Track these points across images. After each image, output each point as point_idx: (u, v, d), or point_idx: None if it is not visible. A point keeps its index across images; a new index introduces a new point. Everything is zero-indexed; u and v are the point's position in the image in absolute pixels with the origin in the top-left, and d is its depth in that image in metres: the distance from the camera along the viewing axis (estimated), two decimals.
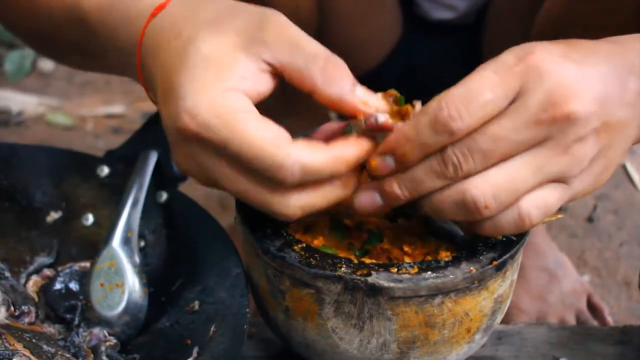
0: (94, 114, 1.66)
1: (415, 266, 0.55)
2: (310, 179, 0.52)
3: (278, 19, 0.54)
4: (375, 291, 0.55)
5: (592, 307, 1.10)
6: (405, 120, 0.53)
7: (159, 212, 0.72)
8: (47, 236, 0.73)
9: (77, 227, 0.73)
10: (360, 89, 0.54)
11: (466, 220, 0.54)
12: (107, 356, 0.63)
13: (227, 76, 0.52)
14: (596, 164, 0.54)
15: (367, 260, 0.57)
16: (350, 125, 0.54)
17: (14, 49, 1.80)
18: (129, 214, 0.69)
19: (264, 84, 0.53)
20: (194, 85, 0.52)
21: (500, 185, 0.51)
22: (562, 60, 0.51)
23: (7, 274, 0.68)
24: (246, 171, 0.52)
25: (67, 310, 0.67)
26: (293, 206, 0.53)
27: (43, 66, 1.81)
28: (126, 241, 0.68)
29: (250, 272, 0.63)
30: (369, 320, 0.56)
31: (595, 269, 1.25)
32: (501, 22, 0.92)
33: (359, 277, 0.55)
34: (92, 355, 0.63)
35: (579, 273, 1.17)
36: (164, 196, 0.72)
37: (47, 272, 0.71)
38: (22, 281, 0.70)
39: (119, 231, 0.68)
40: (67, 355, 0.60)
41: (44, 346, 0.60)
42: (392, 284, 0.54)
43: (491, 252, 0.57)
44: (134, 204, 0.69)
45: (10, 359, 0.56)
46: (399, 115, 0.54)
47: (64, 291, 0.68)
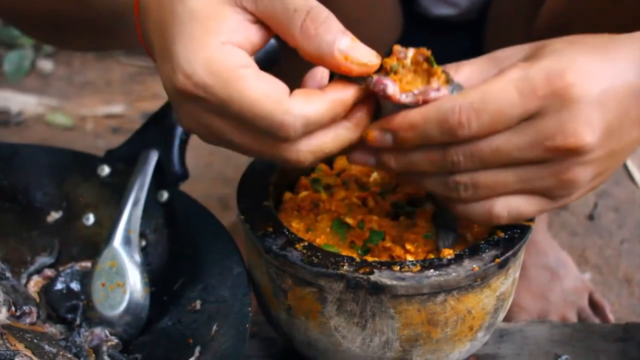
0: (93, 114, 1.66)
1: (418, 264, 0.55)
2: (313, 129, 0.51)
3: None
4: (377, 289, 0.54)
5: (594, 304, 1.10)
6: (429, 82, 0.52)
7: (160, 211, 0.71)
8: (48, 236, 0.73)
9: (78, 227, 0.73)
10: (346, 41, 0.51)
11: (443, 196, 0.56)
12: (108, 356, 0.63)
13: (218, 29, 0.50)
14: (590, 183, 0.54)
15: (370, 259, 0.57)
16: (360, 82, 0.52)
17: (14, 49, 1.80)
18: (130, 213, 0.69)
19: (256, 34, 0.52)
20: (186, 43, 0.50)
21: (482, 181, 0.53)
22: (590, 86, 0.50)
23: (8, 274, 0.68)
24: (249, 128, 0.51)
25: (69, 310, 0.67)
26: (303, 151, 0.52)
27: (42, 66, 1.81)
28: (127, 241, 0.68)
29: (252, 271, 0.63)
30: (371, 319, 0.56)
31: (596, 266, 1.25)
32: (503, 19, 0.92)
33: (361, 276, 0.54)
34: (93, 355, 0.63)
35: (580, 271, 1.16)
36: (164, 195, 0.72)
37: (48, 272, 0.71)
38: (23, 281, 0.70)
39: (120, 231, 0.68)
40: (69, 356, 0.60)
41: (46, 346, 0.59)
42: (394, 282, 0.54)
43: (493, 249, 0.57)
44: (135, 203, 0.69)
45: (12, 359, 0.56)
46: (428, 75, 0.53)
47: (65, 291, 0.68)
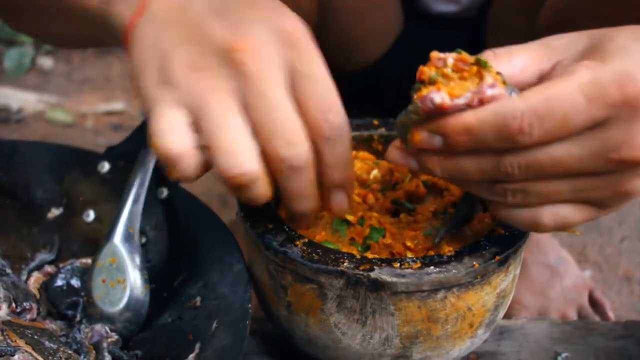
0: (93, 111, 1.66)
1: (418, 261, 0.55)
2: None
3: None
4: (377, 286, 0.54)
5: (594, 302, 1.10)
6: (481, 81, 0.48)
7: (160, 208, 0.71)
8: (48, 233, 0.73)
9: (78, 224, 0.73)
10: None
11: (487, 198, 0.53)
12: (109, 352, 0.63)
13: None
14: None
15: (370, 255, 0.57)
16: (406, 111, 0.50)
17: (14, 46, 1.80)
18: (130, 210, 0.69)
19: None
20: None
21: (534, 190, 0.50)
22: None
23: (9, 270, 0.68)
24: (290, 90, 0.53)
25: (69, 306, 0.67)
26: (301, 143, 0.52)
27: (42, 63, 1.81)
28: (127, 237, 0.68)
29: (252, 267, 0.63)
30: (371, 316, 0.56)
31: (596, 264, 1.25)
32: (504, 15, 0.92)
33: (361, 272, 0.54)
34: (94, 352, 0.63)
35: (580, 268, 1.17)
36: (165, 192, 0.72)
37: (49, 268, 0.71)
38: (24, 278, 0.70)
39: (121, 227, 0.68)
40: (69, 352, 0.60)
41: (46, 342, 0.59)
42: (394, 279, 0.54)
43: (494, 247, 0.57)
44: (135, 200, 0.69)
45: (12, 355, 0.56)
46: (479, 78, 0.48)
47: (65, 287, 0.68)
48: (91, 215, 0.73)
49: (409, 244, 0.60)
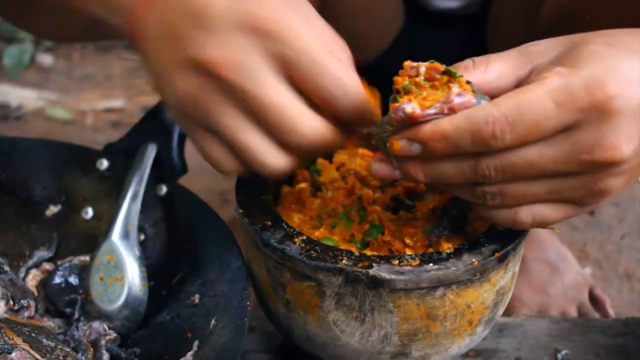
0: (93, 108, 1.65)
1: (417, 258, 0.55)
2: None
3: None
4: (376, 283, 0.54)
5: (594, 299, 1.10)
6: (450, 90, 0.50)
7: (158, 205, 0.71)
8: (46, 230, 0.73)
9: (77, 221, 0.73)
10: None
11: (469, 200, 0.54)
12: (107, 350, 0.63)
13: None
14: (620, 189, 0.52)
15: (369, 253, 0.57)
16: (382, 123, 0.52)
17: (13, 43, 1.80)
18: (129, 207, 0.68)
19: None
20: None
21: (511, 191, 0.52)
22: (631, 97, 0.48)
23: (7, 268, 0.68)
24: (287, 79, 0.52)
25: (67, 304, 0.67)
26: (310, 124, 0.52)
27: (42, 60, 1.81)
28: (126, 235, 0.68)
29: (250, 265, 0.63)
30: (370, 313, 0.56)
31: (596, 261, 1.25)
32: (505, 12, 0.91)
33: (360, 270, 0.54)
34: (92, 349, 0.63)
35: (580, 266, 1.16)
36: (163, 189, 0.71)
37: (47, 266, 0.71)
38: (22, 275, 0.70)
39: (119, 225, 0.68)
40: (67, 350, 0.60)
41: (44, 340, 0.59)
42: (393, 276, 0.54)
43: (493, 244, 0.57)
44: (134, 197, 0.69)
45: (10, 353, 0.56)
46: (448, 88, 0.50)
47: (63, 285, 0.68)
48: (90, 212, 0.73)
49: (408, 241, 0.60)
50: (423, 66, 0.51)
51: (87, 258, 0.70)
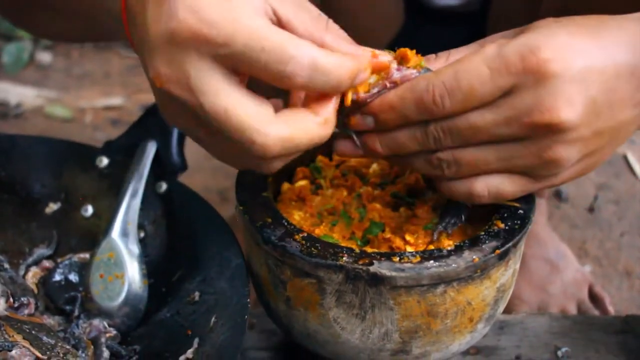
0: (92, 106, 1.65)
1: (418, 255, 0.55)
2: (316, 82, 0.48)
3: None
4: (377, 281, 0.54)
5: (594, 297, 1.10)
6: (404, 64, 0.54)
7: (158, 202, 0.71)
8: (46, 227, 0.73)
9: (77, 218, 0.73)
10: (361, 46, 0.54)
11: (430, 174, 0.57)
12: (107, 347, 0.63)
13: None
14: (578, 165, 0.54)
15: (369, 250, 0.57)
16: (342, 114, 0.54)
17: (12, 41, 1.80)
18: (129, 204, 0.68)
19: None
20: None
21: (463, 158, 0.54)
22: (569, 61, 0.50)
23: (7, 265, 0.68)
24: (240, 78, 0.48)
25: (67, 301, 0.67)
26: (273, 135, 0.48)
27: (41, 58, 1.80)
28: (126, 232, 0.68)
29: (250, 262, 0.63)
30: (370, 310, 0.56)
31: (596, 259, 1.25)
32: (505, 9, 0.91)
33: (360, 267, 0.54)
34: (92, 347, 0.63)
35: (580, 263, 1.16)
36: (163, 187, 0.71)
37: (47, 263, 0.71)
38: (22, 273, 0.70)
39: (119, 222, 0.68)
40: (67, 347, 0.60)
41: (44, 338, 0.59)
42: (394, 273, 0.54)
43: (494, 241, 0.57)
44: (134, 194, 0.69)
45: (10, 350, 0.56)
46: (400, 61, 0.55)
47: (63, 282, 0.68)
48: (89, 210, 0.73)
49: (408, 238, 0.60)
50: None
51: (87, 255, 0.70)
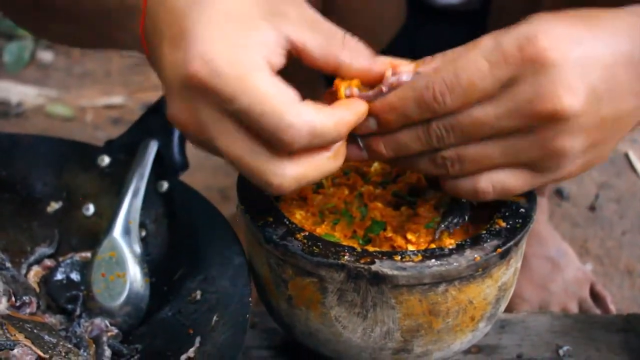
0: (93, 105, 1.65)
1: (419, 254, 0.55)
2: (315, 143, 0.50)
3: None
4: (378, 279, 0.54)
5: (595, 295, 1.10)
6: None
7: (160, 201, 0.71)
8: (47, 226, 0.73)
9: (78, 217, 0.73)
10: (381, 57, 0.54)
11: (433, 174, 0.56)
12: (108, 346, 0.63)
13: (248, 35, 0.49)
14: (583, 157, 0.53)
15: (371, 249, 0.57)
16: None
17: (13, 40, 1.80)
18: (130, 203, 0.68)
19: (278, 59, 0.51)
20: (212, 33, 0.48)
21: (467, 154, 0.54)
22: (567, 49, 0.50)
23: (8, 264, 0.68)
24: (249, 130, 0.49)
25: (69, 300, 0.67)
26: (288, 176, 0.50)
27: (42, 57, 1.80)
28: (127, 231, 0.68)
29: (252, 261, 0.63)
30: (372, 309, 0.56)
31: (597, 257, 1.25)
32: (506, 8, 0.91)
33: (362, 265, 0.54)
34: (93, 346, 0.63)
35: (581, 262, 1.16)
36: (164, 186, 0.71)
37: (48, 262, 0.71)
38: (23, 272, 0.70)
39: (120, 221, 0.68)
40: (69, 346, 0.60)
41: (46, 337, 0.59)
42: (395, 272, 0.54)
43: (495, 239, 0.57)
44: (135, 193, 0.69)
45: (12, 349, 0.56)
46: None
47: (65, 281, 0.68)
48: (91, 209, 0.73)
49: (410, 237, 0.60)
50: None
51: (88, 254, 0.70)
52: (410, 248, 0.59)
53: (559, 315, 0.77)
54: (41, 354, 0.57)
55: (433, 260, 0.55)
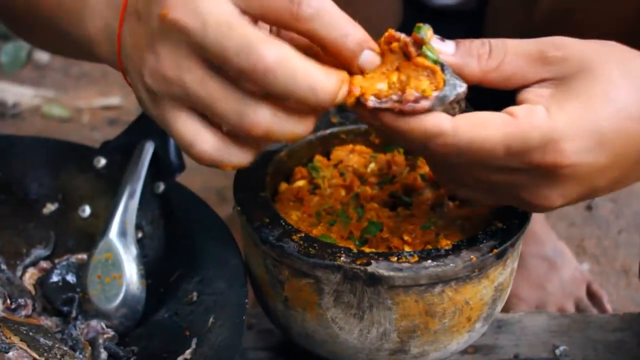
0: (90, 106, 1.65)
1: (416, 255, 0.55)
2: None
3: None
4: (375, 280, 0.54)
5: (592, 295, 1.10)
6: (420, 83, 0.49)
7: (156, 203, 0.71)
8: (43, 228, 0.72)
9: (74, 219, 0.73)
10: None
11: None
12: (105, 348, 0.63)
13: None
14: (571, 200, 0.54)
15: (367, 250, 0.57)
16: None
17: (10, 41, 1.80)
18: (126, 205, 0.68)
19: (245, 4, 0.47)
20: None
21: (459, 195, 0.58)
22: (585, 166, 0.50)
23: (3, 266, 0.68)
24: (221, 71, 0.47)
25: (64, 302, 0.67)
26: (261, 119, 0.46)
27: (39, 58, 1.80)
28: (123, 232, 0.67)
29: (249, 262, 0.63)
30: (368, 310, 0.56)
31: (594, 257, 1.25)
32: (503, 8, 0.91)
33: (358, 267, 0.54)
34: (89, 348, 0.63)
35: (578, 261, 1.17)
36: (161, 187, 0.71)
37: (44, 264, 0.70)
38: (19, 274, 0.69)
39: (116, 222, 0.67)
40: (65, 348, 0.60)
41: (41, 339, 0.59)
42: (392, 273, 0.54)
43: (491, 240, 0.57)
44: (131, 195, 0.69)
45: (7, 352, 0.56)
46: (433, 74, 0.50)
47: (60, 283, 0.68)
48: (87, 210, 0.73)
49: (406, 237, 0.60)
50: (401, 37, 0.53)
51: (84, 256, 0.69)
52: (407, 249, 0.59)
53: (555, 315, 0.77)
54: (37, 356, 0.57)
55: (429, 261, 0.55)
